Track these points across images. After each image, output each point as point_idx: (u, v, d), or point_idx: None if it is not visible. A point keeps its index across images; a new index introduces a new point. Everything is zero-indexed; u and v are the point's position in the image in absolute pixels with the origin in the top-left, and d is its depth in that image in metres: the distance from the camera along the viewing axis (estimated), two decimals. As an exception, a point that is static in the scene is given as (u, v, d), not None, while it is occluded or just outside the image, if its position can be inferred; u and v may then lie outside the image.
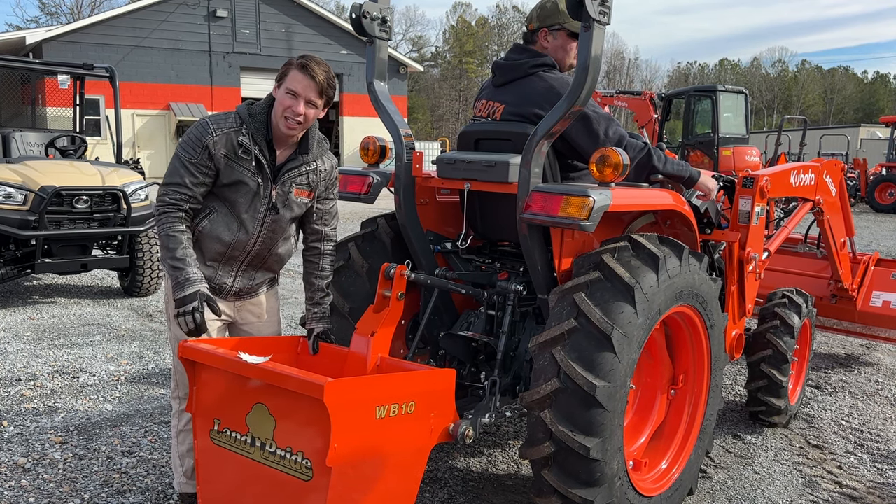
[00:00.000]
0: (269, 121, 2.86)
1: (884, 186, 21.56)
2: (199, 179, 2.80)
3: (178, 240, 2.76)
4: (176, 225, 2.78)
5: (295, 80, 2.78)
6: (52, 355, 5.62)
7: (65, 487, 3.49)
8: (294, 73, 2.79)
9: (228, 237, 2.90)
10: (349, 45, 30.57)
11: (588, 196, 2.69)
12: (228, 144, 2.80)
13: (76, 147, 8.13)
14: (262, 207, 2.91)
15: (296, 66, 2.79)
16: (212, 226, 2.88)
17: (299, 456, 2.36)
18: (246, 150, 2.81)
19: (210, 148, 2.78)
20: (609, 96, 18.65)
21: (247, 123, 2.83)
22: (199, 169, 2.79)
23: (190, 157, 2.78)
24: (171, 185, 2.80)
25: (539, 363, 2.78)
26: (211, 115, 2.89)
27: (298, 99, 2.77)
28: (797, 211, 4.89)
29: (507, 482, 3.68)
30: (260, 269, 3.06)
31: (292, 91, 2.77)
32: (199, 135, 2.79)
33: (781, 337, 4.30)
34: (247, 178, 2.84)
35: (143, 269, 7.50)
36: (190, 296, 2.69)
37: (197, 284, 2.72)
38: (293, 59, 2.82)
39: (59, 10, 51.74)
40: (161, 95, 27.77)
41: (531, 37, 3.36)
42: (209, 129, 2.80)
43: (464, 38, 67.58)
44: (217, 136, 2.79)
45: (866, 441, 4.40)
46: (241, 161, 2.82)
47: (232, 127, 2.82)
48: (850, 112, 76.17)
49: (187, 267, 2.73)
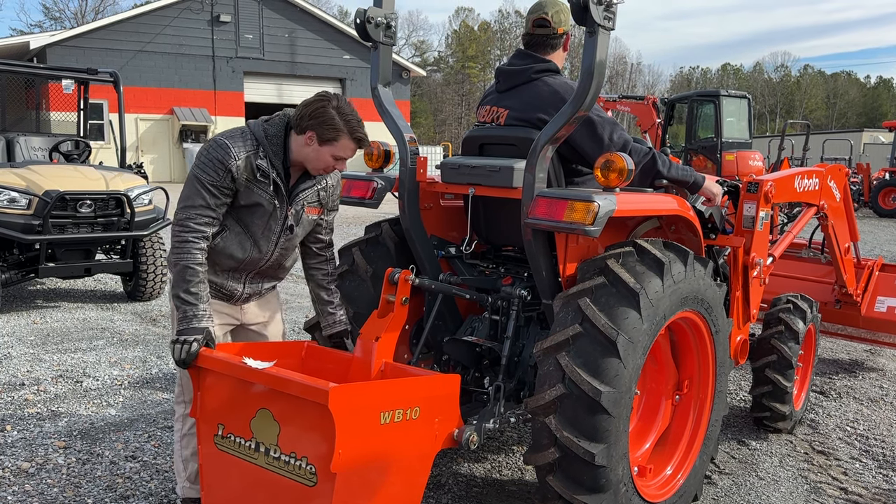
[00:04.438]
0: (287, 144, 2.84)
1: (887, 191, 21.51)
2: (222, 201, 2.77)
3: (196, 273, 2.69)
4: (197, 256, 2.71)
5: (347, 149, 2.80)
6: (56, 359, 5.62)
7: (68, 492, 3.49)
8: (346, 143, 2.78)
9: (241, 255, 2.92)
10: (352, 50, 30.65)
11: (593, 201, 2.69)
12: (248, 167, 2.77)
13: (80, 151, 8.14)
14: (276, 228, 2.91)
15: (351, 137, 2.77)
16: (224, 243, 2.88)
17: (304, 461, 2.35)
18: (264, 174, 2.79)
19: (233, 171, 2.73)
20: (612, 101, 18.68)
21: (263, 146, 2.79)
22: (222, 191, 2.75)
23: (212, 179, 2.72)
24: (194, 208, 2.73)
25: (544, 368, 2.77)
26: (227, 135, 2.81)
27: (343, 162, 2.83)
28: (801, 216, 4.88)
29: (511, 488, 3.66)
30: (266, 277, 3.10)
31: (341, 158, 2.81)
32: (221, 157, 2.73)
33: (786, 342, 4.29)
34: (264, 201, 2.83)
35: (147, 273, 7.50)
36: (195, 329, 2.65)
37: (205, 322, 2.69)
38: (342, 124, 2.75)
39: (63, 14, 52.00)
40: (164, 100, 27.87)
41: (554, 40, 3.31)
42: (231, 152, 2.73)
43: (466, 43, 67.68)
44: (240, 160, 2.74)
45: (871, 447, 4.38)
46: (258, 184, 2.80)
47: (251, 150, 2.78)
48: (853, 117, 76.13)
49: (200, 302, 2.69)
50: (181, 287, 2.69)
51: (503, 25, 71.42)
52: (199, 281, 2.70)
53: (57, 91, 9.00)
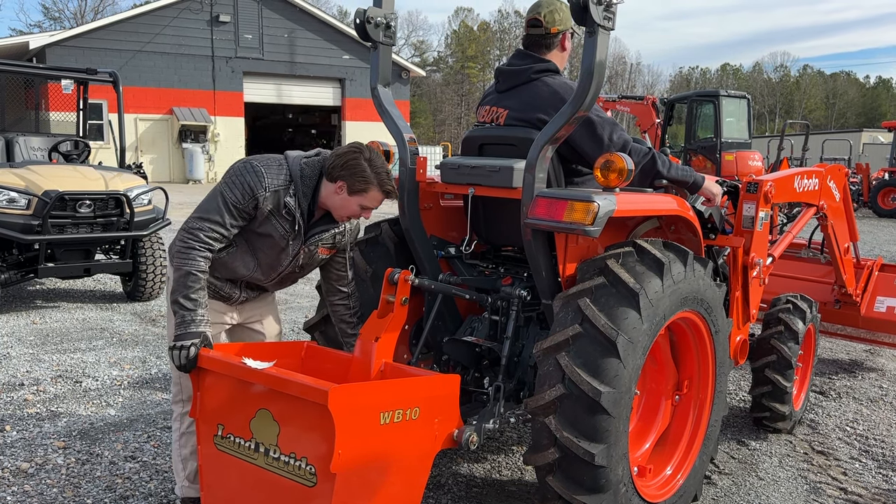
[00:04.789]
0: (318, 188, 2.87)
1: (887, 191, 21.54)
2: (238, 223, 2.80)
3: (198, 279, 2.71)
4: (201, 264, 2.72)
5: (375, 200, 2.85)
6: (55, 360, 5.61)
7: (67, 492, 3.49)
8: (375, 195, 2.83)
9: (244, 272, 2.95)
10: (351, 50, 30.65)
11: (593, 201, 2.68)
12: (276, 201, 2.79)
13: (79, 151, 8.14)
14: (285, 262, 2.95)
15: (380, 189, 2.82)
16: (229, 258, 2.91)
17: (303, 462, 2.35)
18: (289, 212, 2.82)
19: (259, 200, 2.76)
20: (611, 101, 18.69)
21: (295, 184, 2.82)
22: (242, 214, 2.78)
23: (236, 200, 2.74)
24: (210, 221, 2.74)
25: (543, 369, 2.77)
26: (264, 162, 2.81)
27: (369, 212, 2.87)
28: (801, 216, 4.88)
29: (511, 488, 3.66)
30: (264, 288, 3.15)
31: (367, 207, 2.86)
32: (252, 183, 2.75)
33: (786, 342, 4.29)
34: (278, 236, 2.86)
35: (146, 273, 7.50)
36: (193, 334, 2.66)
37: (203, 326, 2.69)
38: (373, 177, 2.79)
39: (62, 14, 52.03)
40: (164, 100, 27.86)
41: (549, 40, 3.32)
42: (264, 182, 2.75)
43: (466, 43, 67.70)
44: (269, 193, 2.77)
45: (871, 447, 4.38)
46: (279, 218, 2.83)
47: (282, 185, 2.80)
48: (852, 117, 76.18)
49: (198, 308, 2.70)
50: (181, 292, 2.69)
51: (503, 25, 71.47)
52: (199, 287, 2.71)
53: (56, 91, 8.99)
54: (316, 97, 31.77)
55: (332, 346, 3.39)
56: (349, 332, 3.21)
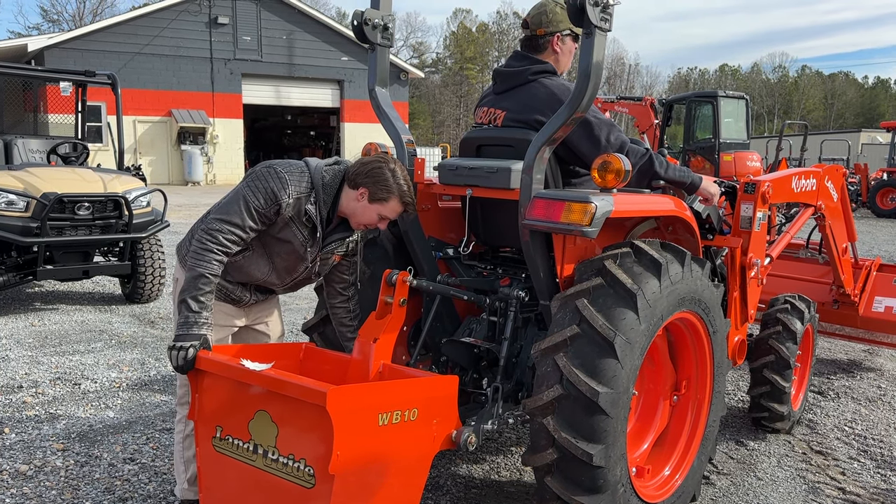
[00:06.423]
0: (338, 197, 2.89)
1: (885, 191, 21.55)
2: (258, 227, 2.80)
3: (209, 282, 2.71)
4: (215, 268, 2.71)
5: (394, 211, 2.87)
6: (54, 362, 5.61)
7: (66, 495, 3.49)
8: (395, 205, 2.86)
9: (259, 276, 2.97)
10: (350, 52, 30.67)
11: (590, 202, 2.69)
12: (297, 208, 2.81)
13: (78, 154, 8.13)
14: (301, 268, 2.97)
15: (400, 200, 2.85)
16: (245, 262, 2.92)
17: (302, 463, 2.35)
18: (310, 219, 2.84)
19: (282, 205, 2.77)
20: (610, 102, 18.69)
21: (317, 192, 2.83)
22: (263, 219, 2.78)
23: (259, 205, 2.75)
24: (229, 223, 2.74)
25: (541, 369, 2.77)
26: (287, 168, 2.81)
27: (385, 222, 2.90)
28: (799, 216, 4.88)
29: (509, 489, 3.67)
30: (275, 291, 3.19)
31: (385, 217, 2.88)
32: (276, 189, 2.75)
33: (784, 343, 4.29)
34: (297, 242, 2.88)
35: (145, 275, 7.51)
36: (194, 336, 2.66)
37: (205, 329, 2.70)
38: (395, 187, 2.82)
39: (60, 17, 52.05)
40: (163, 102, 27.87)
41: (538, 42, 3.34)
42: (288, 189, 2.76)
43: (464, 45, 67.73)
44: (292, 199, 2.78)
45: (869, 447, 4.39)
46: (300, 225, 2.85)
47: (304, 192, 2.81)
48: (850, 117, 76.21)
49: (204, 311, 2.70)
50: (190, 293, 2.69)
51: (501, 27, 71.50)
52: (209, 290, 2.72)
53: (55, 93, 9.00)
54: (314, 99, 31.80)
55: (330, 347, 3.40)
56: (349, 335, 3.21)
